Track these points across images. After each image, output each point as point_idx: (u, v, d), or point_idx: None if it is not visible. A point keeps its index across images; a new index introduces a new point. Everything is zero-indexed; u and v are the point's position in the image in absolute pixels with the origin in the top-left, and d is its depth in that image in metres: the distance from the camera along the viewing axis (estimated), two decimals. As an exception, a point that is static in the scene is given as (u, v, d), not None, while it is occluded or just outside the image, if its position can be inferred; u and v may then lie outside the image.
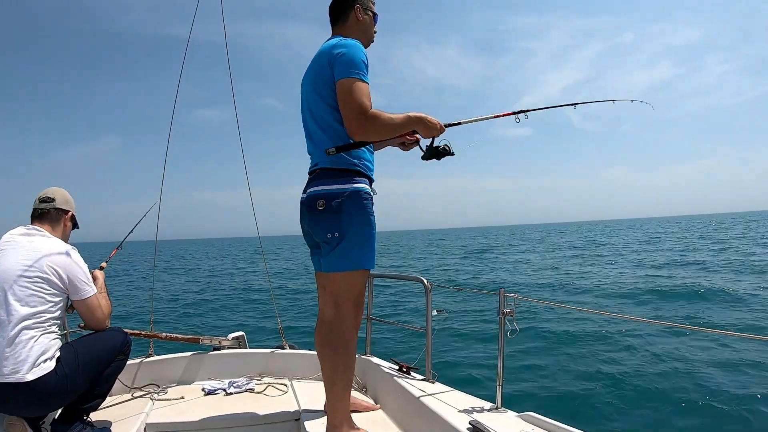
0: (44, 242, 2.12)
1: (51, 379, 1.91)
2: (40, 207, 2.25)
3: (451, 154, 2.10)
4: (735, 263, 16.18)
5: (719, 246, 24.57)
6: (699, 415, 4.30)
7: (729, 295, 9.90)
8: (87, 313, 2.20)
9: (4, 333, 1.87)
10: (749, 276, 13.07)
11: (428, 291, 2.52)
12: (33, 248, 2.06)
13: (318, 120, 1.99)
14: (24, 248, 2.06)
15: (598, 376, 5.37)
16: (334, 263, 1.95)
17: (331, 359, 1.97)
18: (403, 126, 1.96)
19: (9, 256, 2.02)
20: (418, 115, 1.99)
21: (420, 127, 2.01)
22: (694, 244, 27.96)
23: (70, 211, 2.33)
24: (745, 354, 5.71)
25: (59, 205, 2.28)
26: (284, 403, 2.62)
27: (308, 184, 2.03)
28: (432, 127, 2.02)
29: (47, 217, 2.25)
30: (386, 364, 2.81)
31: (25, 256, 2.03)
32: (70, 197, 2.36)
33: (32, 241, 2.10)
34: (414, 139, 2.21)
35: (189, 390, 2.89)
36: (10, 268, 1.98)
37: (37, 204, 2.26)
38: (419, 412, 2.12)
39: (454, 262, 23.77)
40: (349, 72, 1.86)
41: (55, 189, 2.33)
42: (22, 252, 2.04)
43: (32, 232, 2.16)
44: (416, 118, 1.98)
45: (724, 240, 29.53)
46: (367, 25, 2.12)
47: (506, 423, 1.87)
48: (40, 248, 2.07)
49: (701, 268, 15.55)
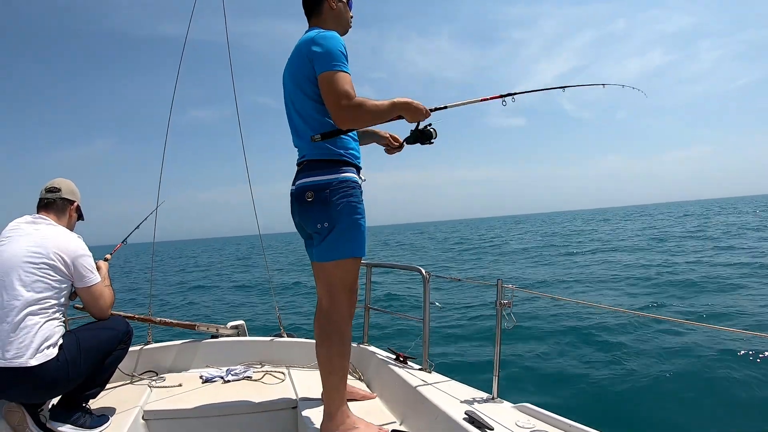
0: (50, 230, 2.15)
1: (53, 365, 1.92)
2: (47, 197, 2.28)
3: (433, 139, 2.13)
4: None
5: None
6: (703, 408, 4.27)
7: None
8: (90, 301, 2.22)
9: (9, 318, 1.89)
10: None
11: (426, 281, 2.53)
12: (39, 235, 2.09)
13: (302, 114, 2.01)
14: (30, 235, 2.08)
15: (595, 368, 5.40)
16: (325, 253, 1.97)
17: (327, 348, 1.99)
18: (389, 111, 1.96)
19: (15, 243, 2.05)
20: (404, 100, 1.99)
21: (405, 112, 2.01)
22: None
23: (75, 202, 2.36)
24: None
25: (65, 195, 2.31)
26: (282, 391, 2.63)
27: (296, 176, 2.04)
28: (417, 112, 2.03)
29: (53, 207, 2.27)
30: (383, 353, 2.82)
31: (32, 242, 2.05)
32: (76, 188, 2.39)
33: (38, 229, 2.13)
34: (397, 145, 2.31)
35: (187, 377, 2.90)
36: (16, 254, 2.01)
37: (44, 194, 2.29)
38: (416, 401, 2.14)
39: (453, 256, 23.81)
40: (328, 65, 1.87)
41: (61, 180, 2.36)
42: (28, 239, 2.07)
43: (38, 220, 2.19)
44: (401, 103, 1.99)
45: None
46: (342, 12, 2.13)
47: (502, 413, 1.88)
48: (47, 235, 2.10)
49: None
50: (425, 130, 2.12)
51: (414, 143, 2.19)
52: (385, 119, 1.99)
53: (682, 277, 10.90)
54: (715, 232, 23.97)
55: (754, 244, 16.69)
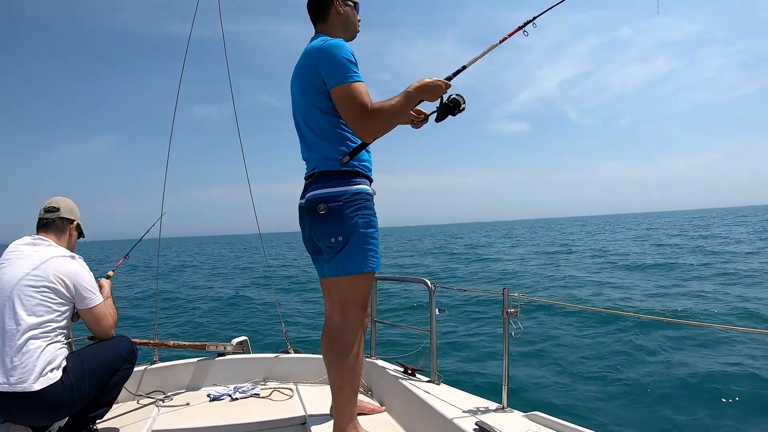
0: (50, 252, 2.13)
1: (57, 388, 1.91)
2: (45, 217, 2.26)
3: (463, 106, 2.00)
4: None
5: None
6: (716, 414, 4.19)
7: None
8: (93, 322, 2.20)
9: (12, 342, 1.88)
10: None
11: (432, 293, 2.52)
12: (39, 258, 2.07)
13: (313, 128, 1.95)
14: (30, 258, 2.07)
15: (605, 375, 5.35)
16: (338, 268, 1.91)
17: (338, 364, 1.95)
18: (408, 104, 1.90)
19: (15, 266, 2.03)
20: (417, 84, 1.92)
21: (424, 95, 1.95)
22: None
23: (75, 220, 2.35)
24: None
25: (64, 214, 2.30)
26: (290, 407, 2.61)
27: (306, 189, 1.98)
28: (437, 89, 1.95)
29: (52, 227, 2.26)
30: (391, 366, 2.80)
31: (31, 265, 2.04)
32: (75, 206, 2.38)
33: (38, 251, 2.11)
34: (422, 118, 2.15)
35: (194, 396, 2.88)
36: (17, 277, 1.99)
37: (42, 214, 2.27)
38: (425, 413, 2.12)
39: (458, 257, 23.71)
40: (341, 78, 1.82)
41: (60, 198, 2.35)
42: (28, 261, 2.05)
43: (38, 242, 2.17)
44: (416, 88, 1.91)
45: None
46: (349, 17, 2.06)
47: (513, 423, 1.86)
48: (46, 257, 2.08)
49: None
50: (451, 101, 2.01)
51: (444, 118, 2.04)
52: (408, 113, 1.92)
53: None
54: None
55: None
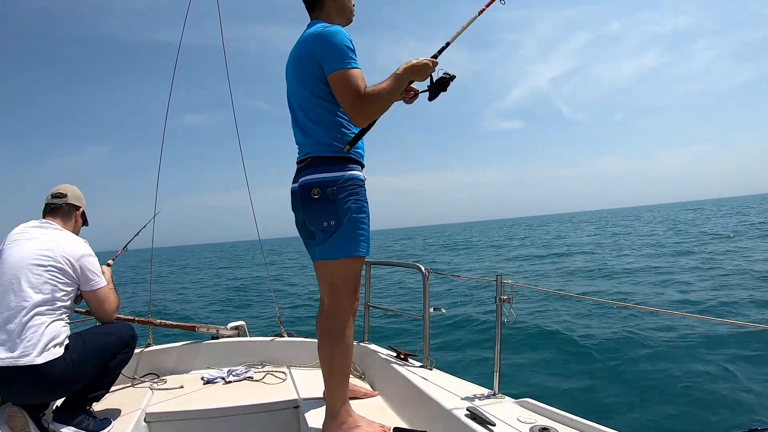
0: (58, 234, 2.20)
1: (59, 364, 1.95)
2: (53, 202, 2.33)
3: (453, 77, 2.05)
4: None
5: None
6: (705, 406, 4.24)
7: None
8: (96, 304, 2.26)
9: (17, 319, 1.92)
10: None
11: (425, 278, 2.53)
12: (47, 239, 2.15)
13: (309, 113, 1.96)
14: (38, 239, 2.14)
15: (596, 363, 5.41)
16: (330, 251, 1.94)
17: (329, 347, 1.98)
18: (398, 86, 1.92)
19: (23, 246, 2.09)
20: (406, 66, 1.95)
21: (413, 75, 1.97)
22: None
23: (81, 208, 2.42)
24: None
25: (71, 200, 2.36)
26: (283, 391, 2.64)
27: (299, 173, 1.99)
28: (424, 68, 1.98)
29: (59, 212, 2.32)
30: (384, 351, 2.82)
31: (40, 245, 2.10)
32: (81, 194, 2.43)
33: (46, 233, 2.18)
34: (412, 95, 2.16)
35: (188, 379, 2.90)
36: (25, 256, 2.05)
37: (50, 199, 2.34)
38: (417, 398, 2.14)
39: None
40: (337, 63, 1.83)
41: (67, 185, 2.41)
42: (36, 242, 2.12)
43: (45, 225, 2.23)
44: (404, 70, 1.94)
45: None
46: (344, 2, 2.07)
47: (504, 409, 1.88)
48: (54, 239, 2.16)
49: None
50: (440, 79, 2.04)
51: (437, 97, 2.08)
52: (399, 93, 1.94)
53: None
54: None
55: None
